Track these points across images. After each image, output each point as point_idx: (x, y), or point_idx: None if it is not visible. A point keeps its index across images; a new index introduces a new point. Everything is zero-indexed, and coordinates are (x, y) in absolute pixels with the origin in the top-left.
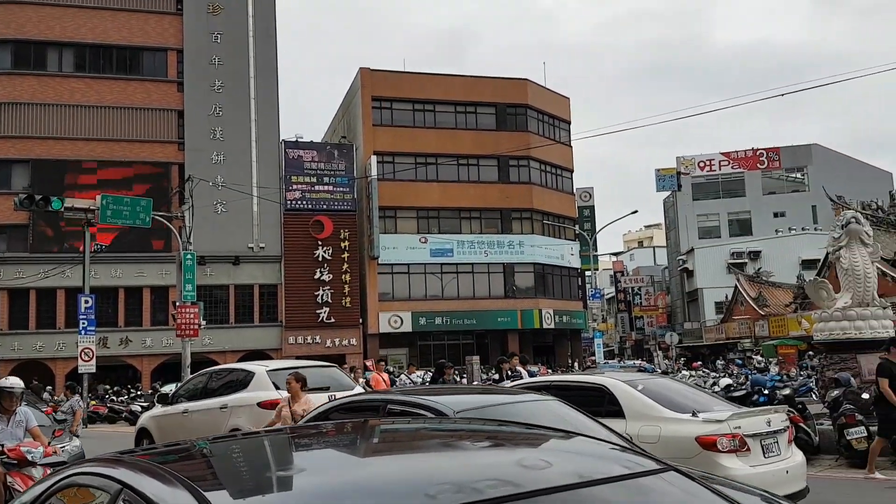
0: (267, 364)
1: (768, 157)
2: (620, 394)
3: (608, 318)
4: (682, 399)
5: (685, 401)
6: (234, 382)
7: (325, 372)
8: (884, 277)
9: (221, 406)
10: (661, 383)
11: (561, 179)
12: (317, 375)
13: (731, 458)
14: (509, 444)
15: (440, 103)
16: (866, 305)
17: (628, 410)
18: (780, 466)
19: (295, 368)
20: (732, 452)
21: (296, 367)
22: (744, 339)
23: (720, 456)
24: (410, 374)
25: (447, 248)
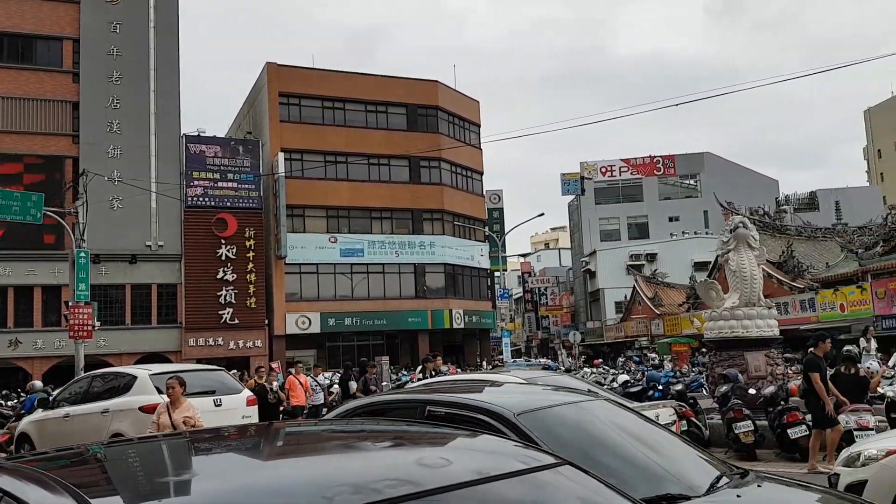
0: (150, 368)
1: (664, 164)
2: None
3: (516, 317)
4: None
5: None
6: (116, 386)
7: (210, 376)
8: (769, 279)
9: (103, 410)
10: (558, 381)
11: (471, 181)
12: (202, 379)
13: None
14: (410, 443)
15: (350, 102)
16: (752, 305)
17: None
18: None
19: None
20: None
21: (180, 371)
22: (641, 337)
23: None
24: (316, 375)
25: (357, 248)
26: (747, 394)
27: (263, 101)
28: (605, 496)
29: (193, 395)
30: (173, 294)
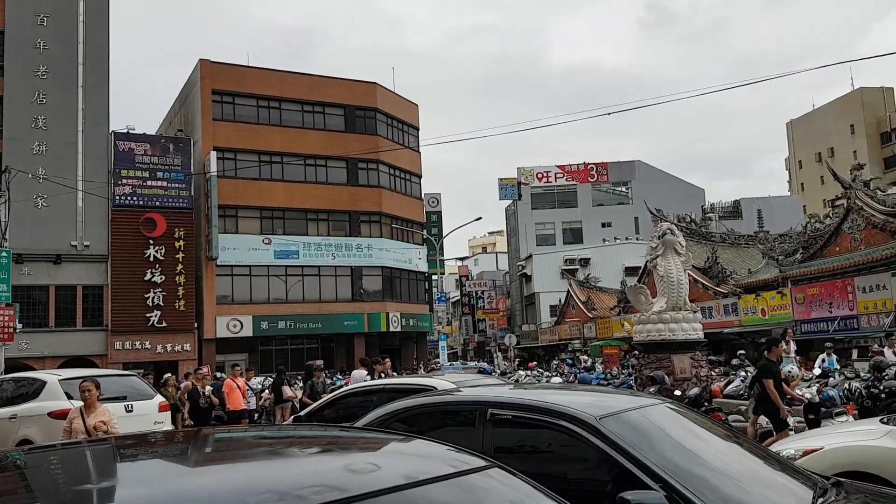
0: (60, 373)
1: (598, 171)
2: None
3: (453, 321)
4: None
5: None
6: (25, 392)
7: (123, 381)
8: (695, 284)
9: (11, 416)
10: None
11: (409, 184)
12: (114, 384)
13: None
14: (339, 449)
15: (286, 101)
16: (679, 309)
17: None
18: None
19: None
20: None
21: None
22: (574, 340)
23: None
24: (248, 380)
25: (292, 250)
26: (673, 395)
27: (196, 98)
28: (535, 498)
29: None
30: (99, 296)
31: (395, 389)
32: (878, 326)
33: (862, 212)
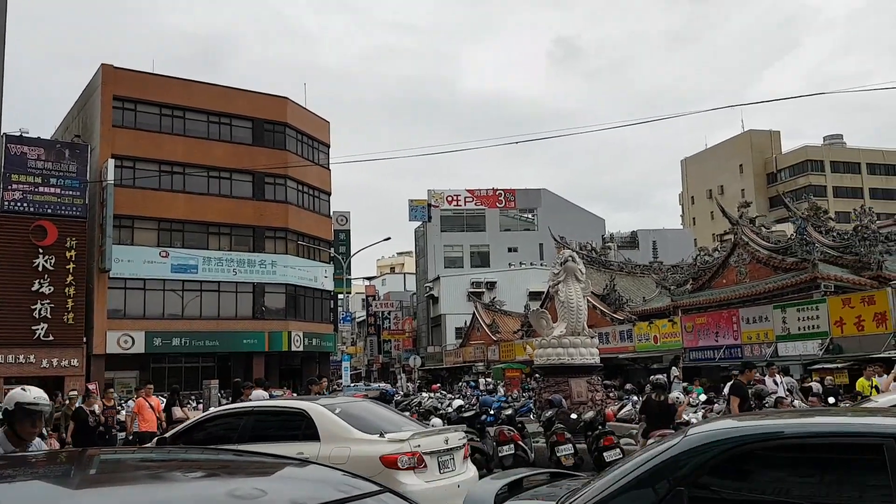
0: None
1: (506, 197)
2: (317, 417)
3: (358, 341)
4: (377, 421)
5: (380, 422)
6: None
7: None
8: (594, 310)
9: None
10: (362, 406)
11: (318, 201)
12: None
13: (408, 475)
14: (225, 473)
15: (192, 111)
16: (577, 334)
17: (323, 433)
18: (453, 481)
19: None
20: (410, 469)
21: None
22: (478, 362)
23: (399, 473)
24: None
25: (191, 264)
26: (569, 418)
27: (96, 103)
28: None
29: None
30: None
31: (264, 412)
32: (760, 356)
33: (748, 247)
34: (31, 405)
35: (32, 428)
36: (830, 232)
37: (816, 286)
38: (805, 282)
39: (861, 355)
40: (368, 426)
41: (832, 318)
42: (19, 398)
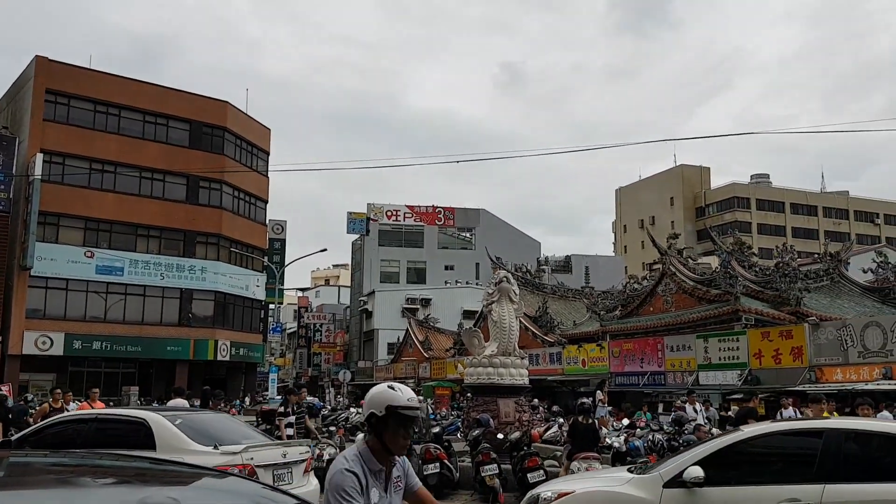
0: None
1: (445, 215)
2: (156, 427)
3: (287, 352)
4: (217, 433)
5: (220, 434)
6: None
7: None
8: (526, 332)
9: None
10: (208, 419)
11: (254, 209)
12: None
13: None
14: (138, 480)
15: (127, 109)
16: (508, 355)
17: (160, 443)
18: None
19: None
20: None
21: None
22: (409, 379)
23: None
24: (67, 402)
25: (117, 266)
26: (496, 438)
27: (27, 96)
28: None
29: None
30: None
31: (106, 419)
32: (682, 384)
33: (675, 277)
34: (407, 409)
35: (405, 439)
36: (753, 267)
37: (738, 318)
38: (727, 313)
39: (778, 387)
40: (206, 438)
41: (751, 349)
42: (391, 400)
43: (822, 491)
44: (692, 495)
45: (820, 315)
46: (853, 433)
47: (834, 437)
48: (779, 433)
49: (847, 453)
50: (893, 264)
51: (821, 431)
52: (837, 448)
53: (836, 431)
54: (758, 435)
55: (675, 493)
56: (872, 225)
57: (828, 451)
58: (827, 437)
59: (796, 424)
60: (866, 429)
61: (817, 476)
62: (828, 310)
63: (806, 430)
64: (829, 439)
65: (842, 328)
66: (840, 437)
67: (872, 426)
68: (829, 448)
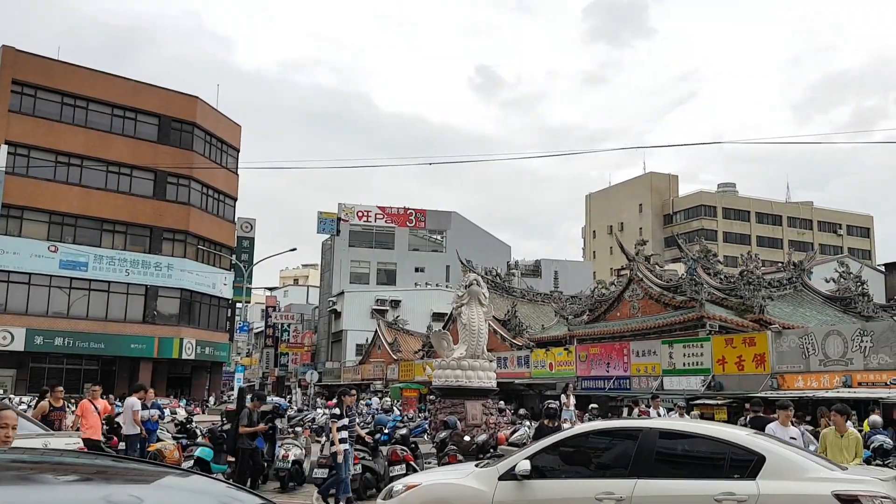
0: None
1: (416, 217)
2: None
3: (254, 352)
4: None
5: None
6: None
7: None
8: (494, 335)
9: None
10: None
11: (223, 206)
12: None
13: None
14: (101, 478)
15: (96, 102)
16: (477, 358)
17: None
18: None
19: None
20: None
21: None
22: (377, 380)
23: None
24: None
25: (81, 261)
26: (463, 441)
27: None
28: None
29: None
30: None
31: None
32: (647, 388)
33: (642, 283)
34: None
35: None
36: (718, 274)
37: (702, 325)
38: (692, 320)
39: (740, 394)
40: None
41: (715, 356)
42: None
43: (633, 486)
44: (521, 487)
45: (783, 323)
46: (666, 433)
47: (648, 437)
48: (602, 432)
49: (659, 451)
50: (855, 274)
51: (638, 431)
52: (651, 447)
53: (651, 431)
54: (581, 433)
55: (507, 484)
56: (835, 235)
57: (642, 449)
58: (642, 436)
59: (617, 423)
60: (677, 429)
61: (632, 472)
62: (790, 318)
63: (625, 429)
64: (644, 438)
65: (804, 336)
66: (654, 437)
67: (683, 427)
68: (643, 446)
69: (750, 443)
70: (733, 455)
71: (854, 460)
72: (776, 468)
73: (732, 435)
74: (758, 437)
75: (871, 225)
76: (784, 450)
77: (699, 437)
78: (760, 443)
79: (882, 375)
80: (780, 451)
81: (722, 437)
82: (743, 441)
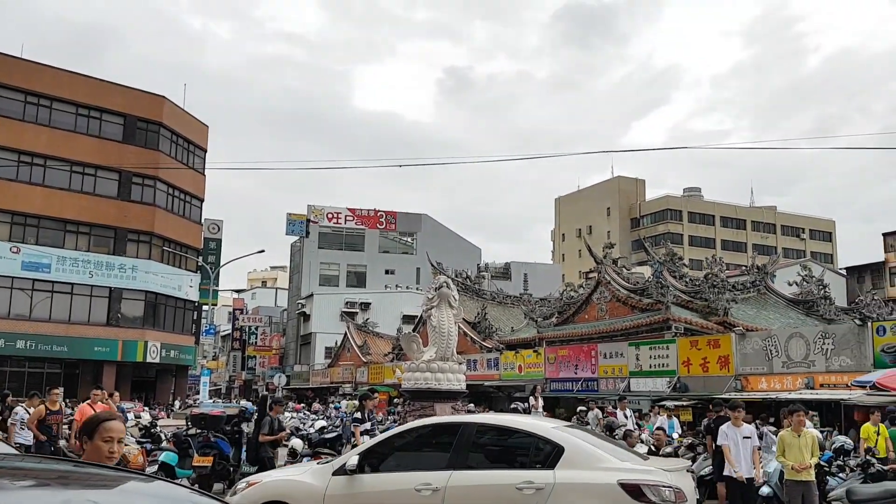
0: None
1: (387, 219)
2: None
3: (220, 355)
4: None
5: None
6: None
7: None
8: (464, 337)
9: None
10: None
11: (189, 207)
12: None
13: None
14: (59, 483)
15: (59, 101)
16: (446, 360)
17: None
18: None
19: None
20: None
21: None
22: (346, 383)
23: None
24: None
25: (44, 263)
26: None
27: None
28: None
29: None
30: None
31: None
32: (614, 389)
33: (609, 286)
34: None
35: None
36: (684, 277)
37: (668, 327)
38: (658, 322)
39: (705, 395)
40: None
41: (680, 357)
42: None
43: (448, 477)
44: (351, 481)
45: (746, 326)
46: (483, 427)
47: (467, 431)
48: (430, 427)
49: (476, 444)
50: (817, 278)
51: (459, 425)
52: (468, 440)
53: (470, 425)
54: (411, 429)
55: (339, 479)
56: (798, 239)
57: (460, 443)
58: (462, 430)
59: (444, 419)
60: (493, 423)
61: (449, 464)
62: (754, 321)
63: (450, 424)
64: (463, 432)
65: (767, 339)
66: (472, 430)
67: (498, 421)
68: (461, 440)
69: (553, 435)
70: (538, 446)
71: (812, 459)
72: (573, 459)
73: (540, 427)
74: (563, 430)
75: (833, 229)
76: (582, 442)
77: (512, 430)
78: (562, 435)
79: (843, 377)
80: (578, 443)
81: (531, 430)
82: (548, 433)
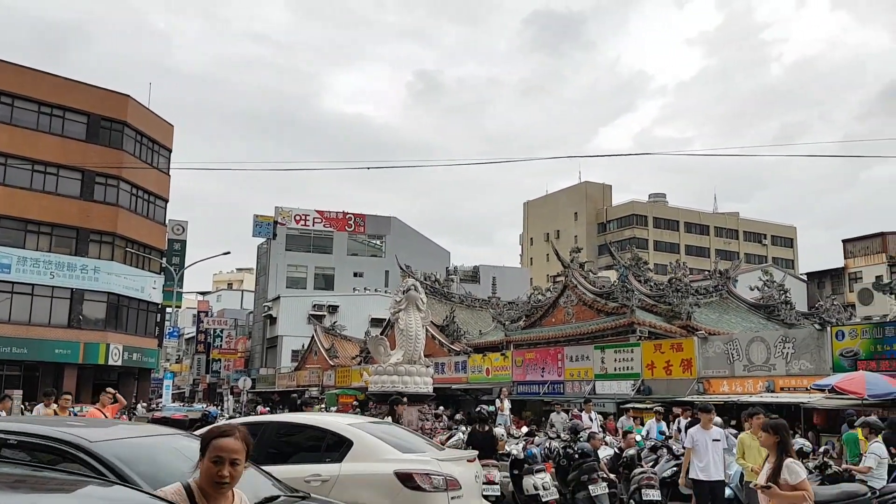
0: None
1: (356, 221)
2: None
3: (184, 358)
4: None
5: None
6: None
7: None
8: (432, 340)
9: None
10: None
11: (153, 207)
12: None
13: None
14: (19, 489)
15: (21, 99)
16: (414, 363)
17: None
18: None
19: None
20: None
21: None
22: (313, 386)
23: None
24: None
25: (4, 263)
26: None
27: None
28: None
29: None
30: None
31: None
32: (579, 392)
33: (576, 289)
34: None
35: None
36: (649, 282)
37: (633, 331)
38: (623, 326)
39: (668, 398)
40: None
41: (645, 361)
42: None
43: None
44: None
45: (709, 329)
46: (284, 425)
47: (268, 429)
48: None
49: (277, 442)
50: (778, 283)
51: (262, 424)
52: (268, 438)
53: (271, 424)
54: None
55: None
56: (760, 245)
57: (262, 441)
58: (263, 429)
59: (249, 419)
60: (292, 421)
61: (253, 462)
62: (716, 325)
63: (254, 423)
64: (265, 431)
65: (729, 342)
66: (273, 429)
67: (297, 419)
68: (263, 438)
69: (344, 430)
70: (331, 441)
71: None
72: (359, 452)
73: (333, 424)
74: (357, 426)
75: (795, 236)
76: (369, 436)
77: (309, 427)
78: (353, 430)
79: (803, 381)
80: (365, 437)
81: (326, 427)
82: (339, 429)
